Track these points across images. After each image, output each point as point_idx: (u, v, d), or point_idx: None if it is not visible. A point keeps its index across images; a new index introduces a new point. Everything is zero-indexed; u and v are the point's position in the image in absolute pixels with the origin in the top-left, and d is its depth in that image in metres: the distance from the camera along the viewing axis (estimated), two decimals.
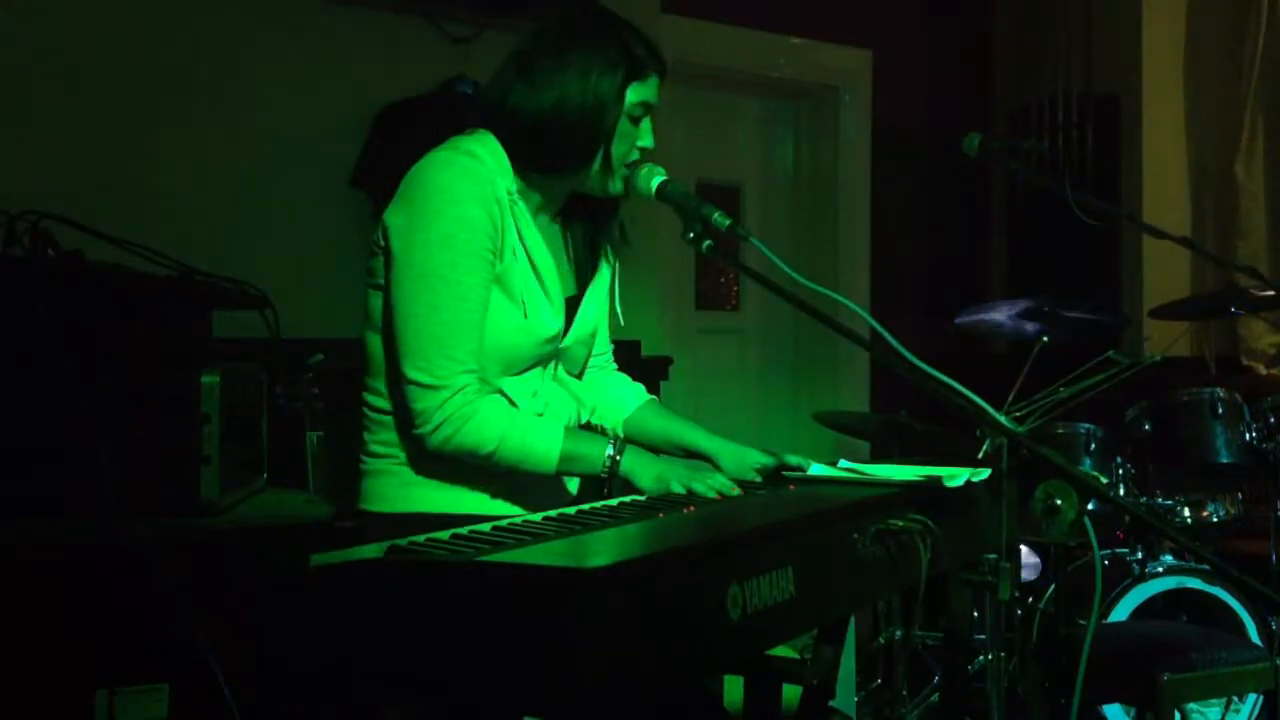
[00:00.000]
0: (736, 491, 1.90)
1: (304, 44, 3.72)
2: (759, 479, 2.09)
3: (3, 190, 2.39)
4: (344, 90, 3.76)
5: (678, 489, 1.91)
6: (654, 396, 2.34)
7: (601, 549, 1.42)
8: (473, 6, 3.94)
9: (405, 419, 1.95)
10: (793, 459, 2.11)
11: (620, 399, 2.29)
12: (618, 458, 1.96)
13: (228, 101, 3.58)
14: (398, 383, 1.94)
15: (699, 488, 1.89)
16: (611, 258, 2.21)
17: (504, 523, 1.59)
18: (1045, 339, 3.59)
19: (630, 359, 4.33)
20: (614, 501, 1.85)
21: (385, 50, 3.85)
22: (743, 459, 2.13)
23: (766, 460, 2.12)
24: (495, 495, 2.02)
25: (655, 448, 2.20)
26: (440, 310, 1.89)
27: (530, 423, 1.94)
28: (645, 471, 1.96)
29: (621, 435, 2.24)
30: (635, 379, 2.36)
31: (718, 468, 2.12)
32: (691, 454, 2.19)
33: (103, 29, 3.38)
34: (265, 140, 3.65)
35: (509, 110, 1.99)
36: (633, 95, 1.99)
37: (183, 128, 3.50)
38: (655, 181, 2.01)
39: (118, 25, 3.41)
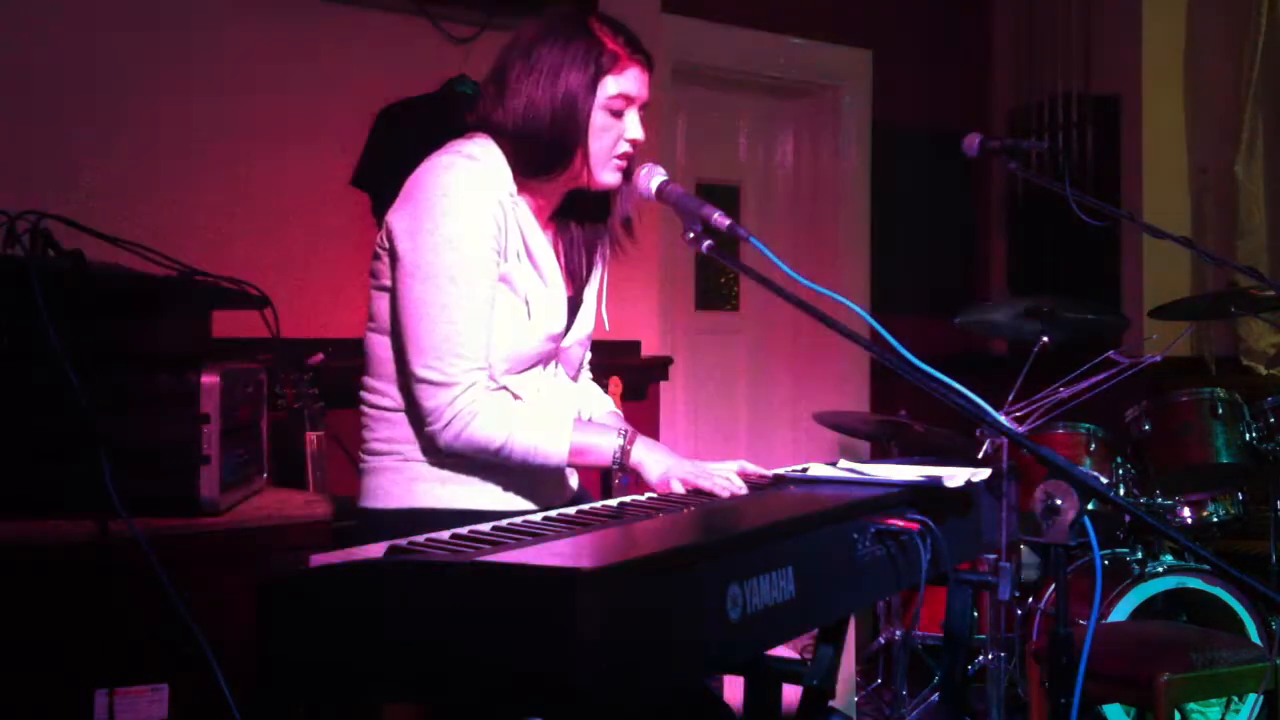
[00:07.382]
0: (743, 488, 1.91)
1: (304, 44, 3.72)
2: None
3: (3, 190, 2.40)
4: (344, 90, 3.76)
5: (678, 487, 1.95)
6: (618, 410, 2.37)
7: (601, 549, 1.42)
8: (473, 6, 3.94)
9: (416, 417, 1.97)
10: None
11: (588, 406, 2.30)
12: (629, 448, 1.98)
13: (228, 101, 3.58)
14: (407, 382, 1.96)
15: (706, 484, 1.92)
16: (605, 259, 2.21)
17: (504, 523, 1.59)
18: (1045, 339, 3.59)
19: (630, 359, 4.35)
20: (614, 501, 1.85)
21: (385, 50, 3.85)
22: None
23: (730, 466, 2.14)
24: (495, 490, 2.03)
25: None
26: (450, 310, 1.91)
27: (538, 416, 1.96)
28: (654, 465, 1.99)
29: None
30: (635, 379, 2.36)
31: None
32: None
33: (103, 29, 3.38)
34: (265, 140, 3.65)
35: (493, 123, 2.02)
36: (609, 89, 1.99)
37: (183, 127, 3.50)
38: (655, 181, 2.01)
39: (118, 25, 3.41)
